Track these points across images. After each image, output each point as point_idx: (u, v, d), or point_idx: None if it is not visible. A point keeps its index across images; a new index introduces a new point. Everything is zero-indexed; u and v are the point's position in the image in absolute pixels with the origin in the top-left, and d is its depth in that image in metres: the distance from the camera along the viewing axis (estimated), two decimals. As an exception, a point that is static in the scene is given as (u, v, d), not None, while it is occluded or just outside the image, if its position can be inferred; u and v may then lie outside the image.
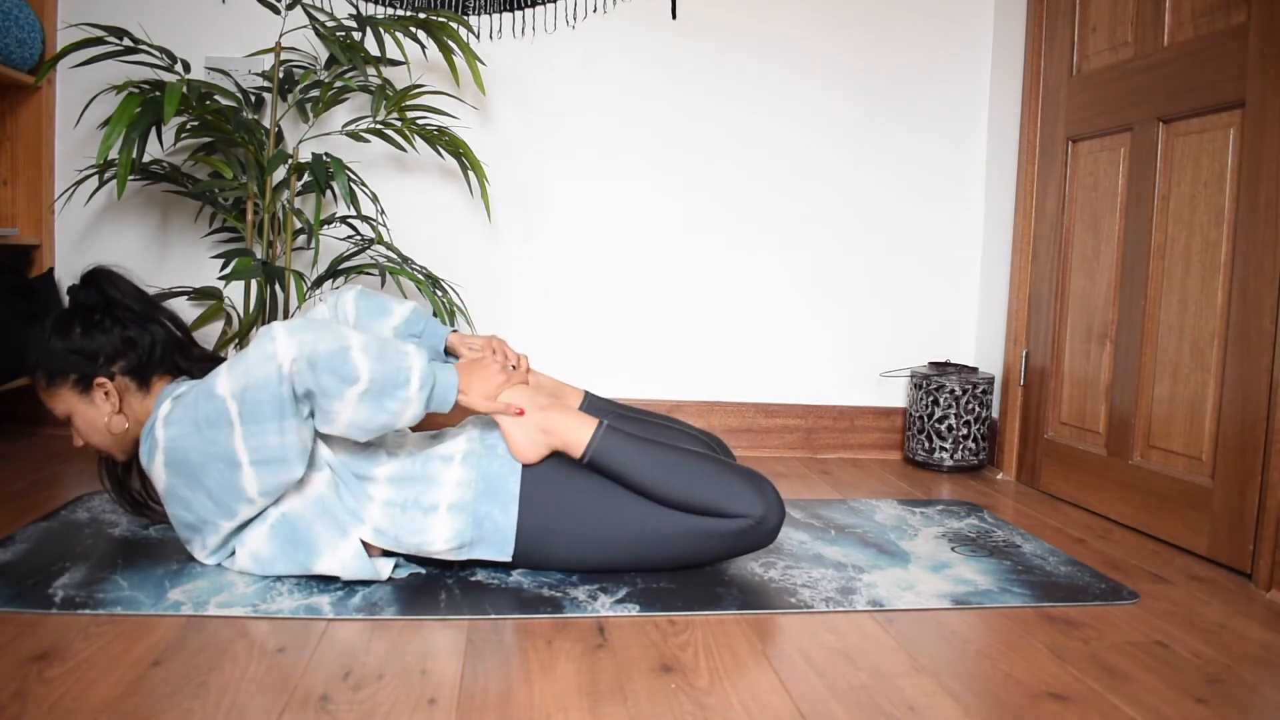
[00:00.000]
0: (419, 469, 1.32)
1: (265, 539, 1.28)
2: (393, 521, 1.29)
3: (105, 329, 1.33)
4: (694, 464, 1.35)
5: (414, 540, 1.30)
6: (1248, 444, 1.57)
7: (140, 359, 1.35)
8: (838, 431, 2.50)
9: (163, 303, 1.43)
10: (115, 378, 1.33)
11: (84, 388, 1.33)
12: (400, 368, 1.23)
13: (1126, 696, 1.08)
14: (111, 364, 1.33)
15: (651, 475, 1.33)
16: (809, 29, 2.42)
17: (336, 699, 0.98)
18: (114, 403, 1.33)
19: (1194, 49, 1.74)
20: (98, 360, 1.32)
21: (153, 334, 1.36)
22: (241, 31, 2.21)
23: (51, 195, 2.18)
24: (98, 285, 1.35)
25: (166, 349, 1.37)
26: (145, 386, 1.36)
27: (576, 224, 2.38)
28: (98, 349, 1.32)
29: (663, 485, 1.33)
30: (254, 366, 1.18)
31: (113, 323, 1.34)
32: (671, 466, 1.34)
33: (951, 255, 2.54)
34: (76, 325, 1.33)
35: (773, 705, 1.02)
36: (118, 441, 1.37)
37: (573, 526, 1.33)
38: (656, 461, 1.34)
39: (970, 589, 1.42)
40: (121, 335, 1.34)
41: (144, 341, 1.35)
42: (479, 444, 1.36)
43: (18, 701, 0.94)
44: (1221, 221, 1.67)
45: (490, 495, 1.31)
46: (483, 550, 1.32)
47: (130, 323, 1.35)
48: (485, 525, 1.30)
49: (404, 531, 1.30)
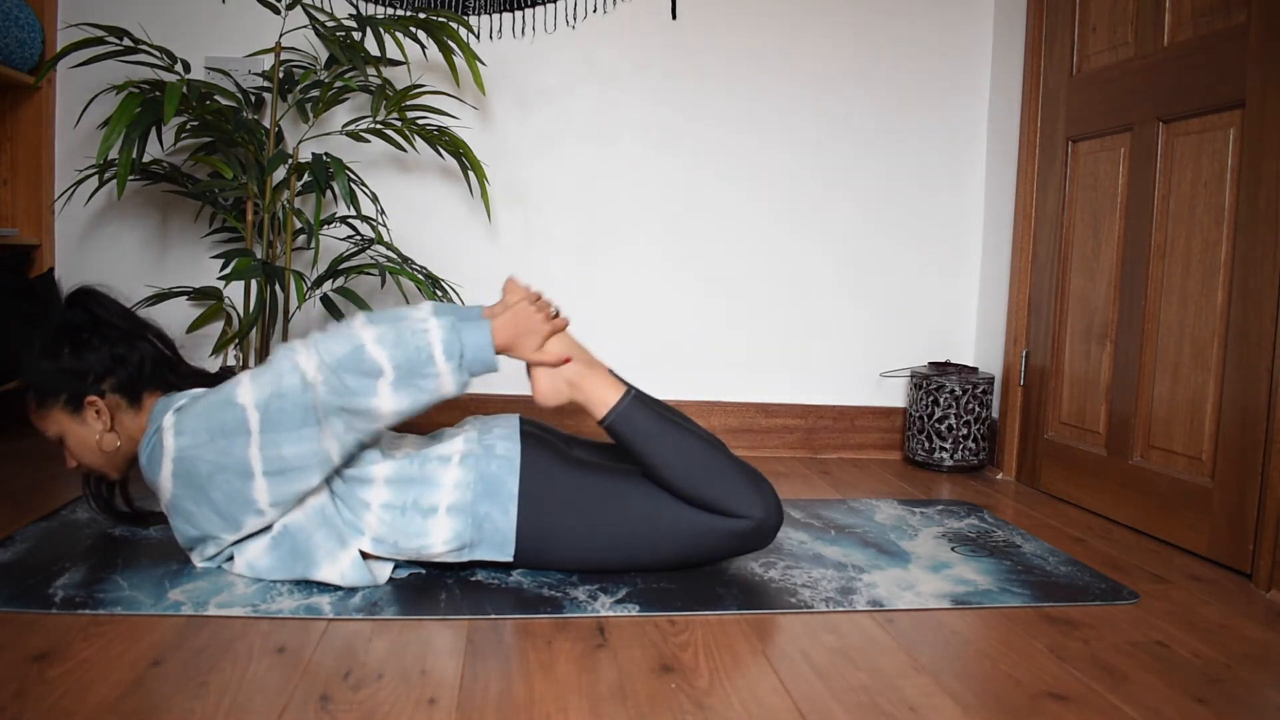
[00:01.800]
0: (416, 470, 1.32)
1: (265, 550, 1.28)
2: (391, 527, 1.29)
3: (94, 347, 1.33)
4: (708, 454, 1.36)
5: (414, 545, 1.29)
6: (1248, 444, 1.57)
7: (130, 376, 1.34)
8: (838, 431, 2.50)
9: (151, 318, 1.43)
10: (106, 395, 1.33)
11: (75, 407, 1.32)
12: (419, 347, 1.23)
13: (1126, 696, 1.08)
14: (101, 382, 1.32)
15: (667, 455, 1.34)
16: (809, 29, 2.42)
17: (336, 699, 0.98)
18: (105, 421, 1.33)
19: (1194, 49, 1.74)
20: (87, 379, 1.32)
21: (141, 351, 1.36)
22: (241, 31, 2.21)
23: (51, 195, 2.18)
24: (84, 305, 1.34)
25: (156, 365, 1.37)
26: (137, 403, 1.35)
27: (576, 224, 2.38)
28: (87, 368, 1.32)
29: (675, 468, 1.34)
30: (283, 376, 1.19)
31: (101, 341, 1.33)
32: (687, 451, 1.35)
33: (951, 255, 2.54)
34: (65, 345, 1.32)
35: (773, 705, 1.02)
36: (110, 460, 1.36)
37: (573, 525, 1.33)
38: (675, 442, 1.35)
39: (970, 589, 1.42)
40: (110, 353, 1.33)
41: (133, 358, 1.34)
42: (477, 444, 1.36)
43: (18, 701, 0.94)
44: (1221, 221, 1.67)
45: (489, 496, 1.30)
46: (484, 551, 1.32)
47: (118, 340, 1.34)
48: (485, 526, 1.30)
49: (403, 536, 1.29)
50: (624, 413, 1.35)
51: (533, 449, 1.36)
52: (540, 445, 1.38)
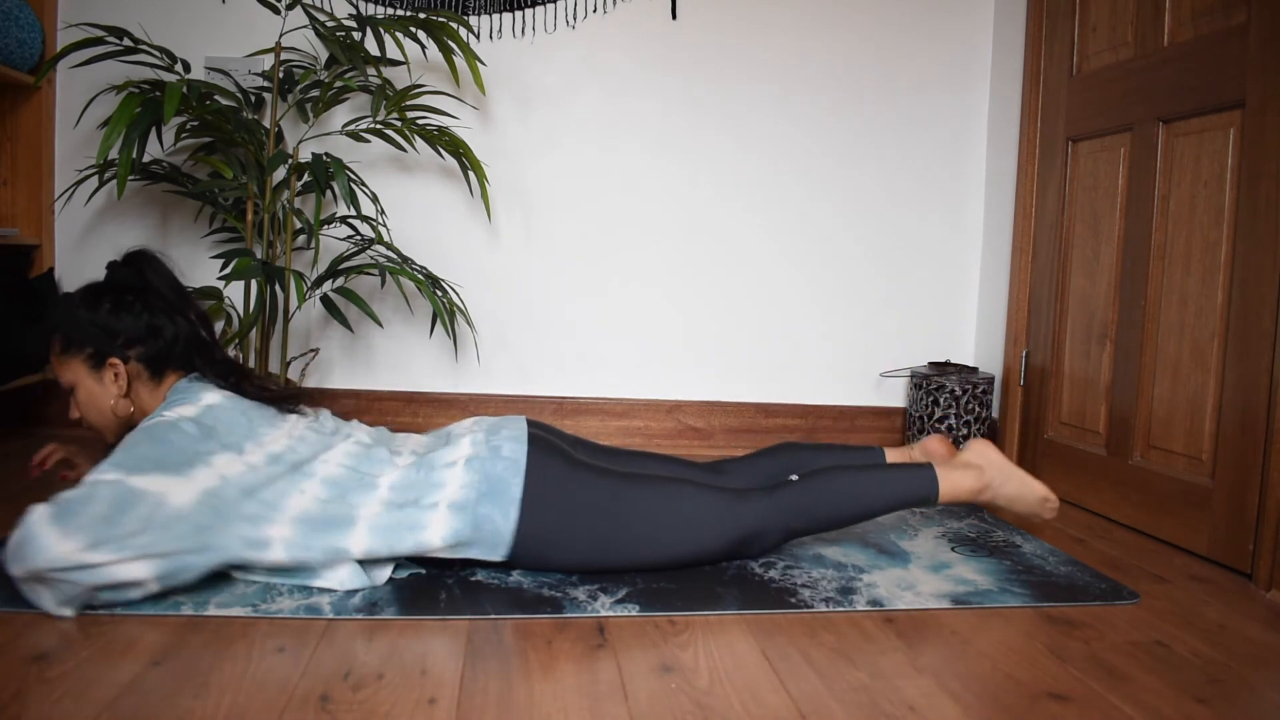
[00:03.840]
0: (422, 477, 1.32)
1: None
2: (387, 527, 1.27)
3: (134, 311, 1.32)
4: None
5: (410, 540, 1.27)
6: (1248, 444, 1.57)
7: (160, 350, 1.33)
8: (838, 431, 2.50)
9: (196, 299, 1.41)
10: (130, 361, 1.32)
11: (97, 364, 1.31)
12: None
13: (1126, 696, 1.08)
14: (129, 347, 1.31)
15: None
16: (809, 29, 2.42)
17: (336, 699, 0.98)
18: (121, 386, 1.32)
19: (1194, 49, 1.74)
20: (117, 340, 1.31)
21: (178, 327, 1.34)
22: (241, 31, 2.21)
23: (51, 195, 2.18)
24: (138, 266, 1.34)
25: (188, 345, 1.36)
26: (158, 378, 1.34)
27: (576, 223, 2.38)
28: (121, 329, 1.31)
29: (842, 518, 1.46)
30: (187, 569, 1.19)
31: (142, 307, 1.32)
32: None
33: (951, 255, 2.54)
34: (106, 301, 1.31)
35: (772, 705, 1.02)
36: (114, 424, 1.35)
37: (579, 531, 1.33)
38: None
39: (970, 589, 1.42)
40: (148, 321, 1.32)
41: (167, 333, 1.33)
42: (484, 447, 1.35)
43: (18, 701, 0.94)
44: (1221, 221, 1.67)
45: (492, 497, 1.30)
46: (477, 550, 1.31)
47: (159, 311, 1.33)
48: (485, 527, 1.30)
49: (399, 531, 1.27)
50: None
51: (540, 452, 1.36)
52: (547, 449, 1.37)
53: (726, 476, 1.63)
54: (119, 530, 1.12)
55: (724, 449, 2.44)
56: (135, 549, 1.13)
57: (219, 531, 1.19)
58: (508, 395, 2.37)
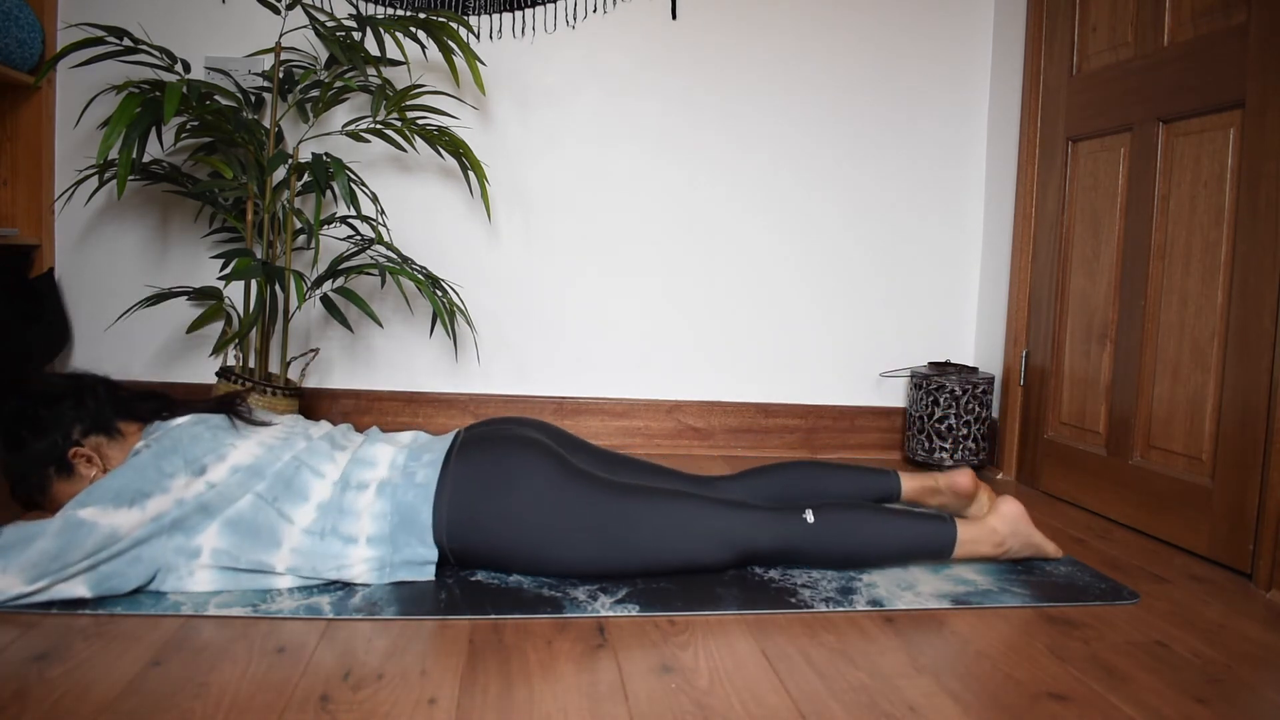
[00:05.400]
0: (337, 497, 1.31)
1: (210, 579, 1.27)
2: (309, 553, 1.27)
3: (47, 415, 1.32)
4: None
5: (334, 573, 1.28)
6: (1248, 444, 1.57)
7: (95, 410, 1.34)
8: (838, 431, 2.50)
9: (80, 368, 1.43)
10: (84, 441, 1.32)
11: (67, 470, 1.31)
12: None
13: (1126, 696, 1.08)
14: (72, 433, 1.32)
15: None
16: (809, 29, 2.42)
17: (336, 699, 0.98)
18: (97, 462, 1.32)
19: (1194, 49, 1.74)
20: (59, 441, 1.31)
21: (90, 390, 1.36)
22: (241, 31, 2.21)
23: (51, 195, 2.18)
24: (13, 393, 1.35)
25: (109, 388, 1.38)
26: (116, 434, 1.35)
27: (576, 223, 2.38)
28: (53, 432, 1.31)
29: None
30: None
31: (48, 406, 1.33)
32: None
33: (951, 255, 2.54)
34: (22, 430, 1.32)
35: (772, 705, 1.02)
36: None
37: (512, 548, 1.33)
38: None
39: (970, 589, 1.42)
40: (66, 408, 1.33)
41: (88, 401, 1.34)
42: (399, 472, 1.34)
43: (18, 701, 0.94)
44: (1221, 221, 1.67)
45: (406, 527, 1.31)
46: (405, 573, 1.32)
47: (63, 395, 1.34)
48: (405, 551, 1.31)
49: (326, 558, 1.28)
50: None
51: (464, 466, 1.33)
52: (477, 461, 1.35)
53: (729, 489, 1.61)
54: (62, 563, 1.15)
55: (724, 449, 2.44)
56: (74, 572, 1.16)
57: (152, 543, 1.22)
58: (507, 395, 2.37)
